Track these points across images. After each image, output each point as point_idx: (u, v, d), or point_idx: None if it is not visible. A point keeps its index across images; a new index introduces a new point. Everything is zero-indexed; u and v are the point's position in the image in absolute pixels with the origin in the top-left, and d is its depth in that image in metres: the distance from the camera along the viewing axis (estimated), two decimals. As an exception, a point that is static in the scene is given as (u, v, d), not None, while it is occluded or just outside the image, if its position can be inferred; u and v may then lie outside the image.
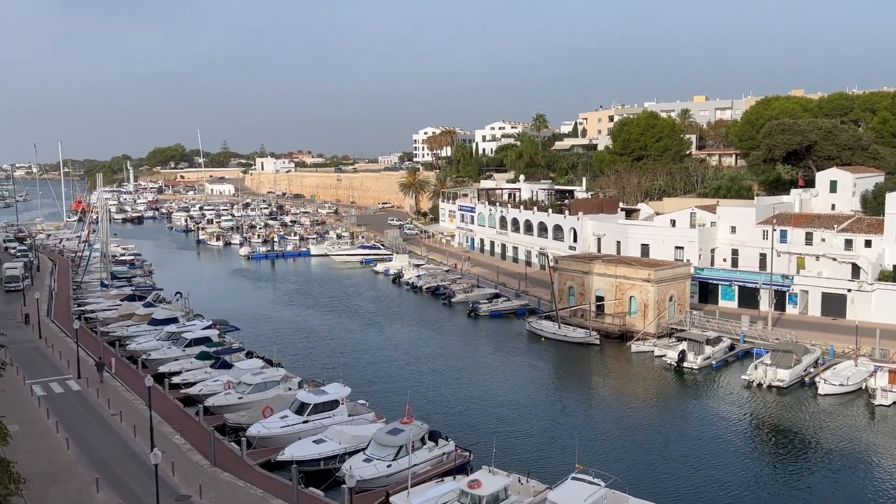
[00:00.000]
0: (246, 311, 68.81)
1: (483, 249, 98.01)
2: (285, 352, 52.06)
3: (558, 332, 56.87)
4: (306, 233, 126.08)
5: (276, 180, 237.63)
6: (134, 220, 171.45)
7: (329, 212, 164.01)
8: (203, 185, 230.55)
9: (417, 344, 57.02)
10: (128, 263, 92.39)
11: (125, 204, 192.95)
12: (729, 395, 44.28)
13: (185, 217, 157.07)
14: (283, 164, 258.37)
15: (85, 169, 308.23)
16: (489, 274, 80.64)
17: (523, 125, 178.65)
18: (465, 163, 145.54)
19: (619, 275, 58.85)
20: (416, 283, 79.39)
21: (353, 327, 63.20)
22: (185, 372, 44.77)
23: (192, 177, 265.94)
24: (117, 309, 63.21)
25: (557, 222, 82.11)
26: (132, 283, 79.54)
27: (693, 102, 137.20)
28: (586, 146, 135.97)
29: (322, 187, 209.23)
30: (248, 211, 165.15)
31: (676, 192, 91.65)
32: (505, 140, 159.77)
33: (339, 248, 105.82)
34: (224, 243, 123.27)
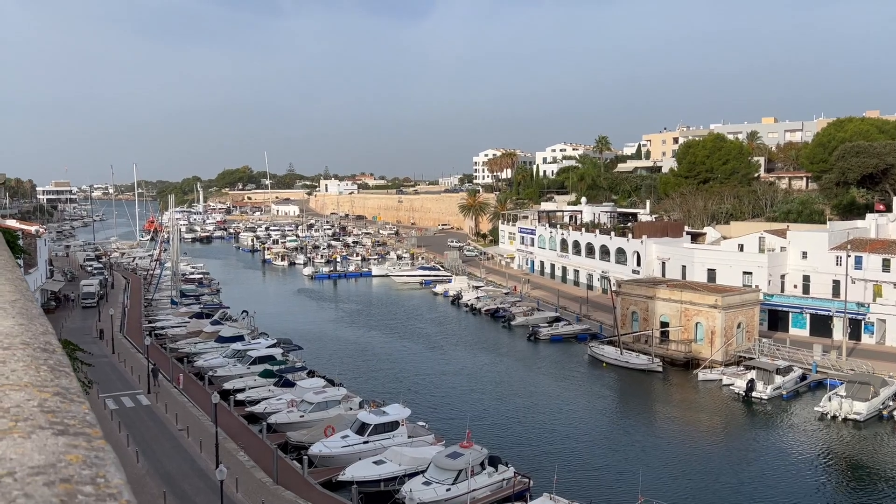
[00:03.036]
0: (309, 330, 69.94)
1: (543, 272, 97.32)
2: (346, 371, 52.65)
3: (620, 358, 55.82)
4: (368, 253, 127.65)
5: (339, 202, 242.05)
6: (203, 240, 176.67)
7: (390, 233, 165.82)
8: (269, 206, 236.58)
9: (477, 366, 56.83)
10: (196, 282, 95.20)
11: (195, 224, 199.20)
12: (801, 427, 42.53)
13: (251, 237, 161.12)
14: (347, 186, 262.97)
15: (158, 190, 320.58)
16: (549, 297, 79.93)
17: (585, 147, 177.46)
18: (526, 185, 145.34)
19: (685, 300, 57.50)
20: (476, 305, 79.29)
21: (413, 348, 63.47)
22: (249, 389, 45.73)
23: (258, 198, 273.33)
24: (186, 326, 65.15)
25: (620, 245, 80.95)
26: (200, 301, 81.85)
27: (761, 124, 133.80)
28: (650, 168, 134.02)
29: (383, 209, 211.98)
30: (312, 231, 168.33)
31: (744, 215, 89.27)
32: (566, 162, 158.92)
33: (400, 269, 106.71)
34: (289, 263, 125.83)
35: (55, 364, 1.64)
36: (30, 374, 1.49)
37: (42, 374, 1.51)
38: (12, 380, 1.44)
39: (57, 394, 1.43)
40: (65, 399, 1.43)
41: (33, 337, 1.87)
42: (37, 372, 1.52)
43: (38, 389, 1.43)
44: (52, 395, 1.43)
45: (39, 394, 1.42)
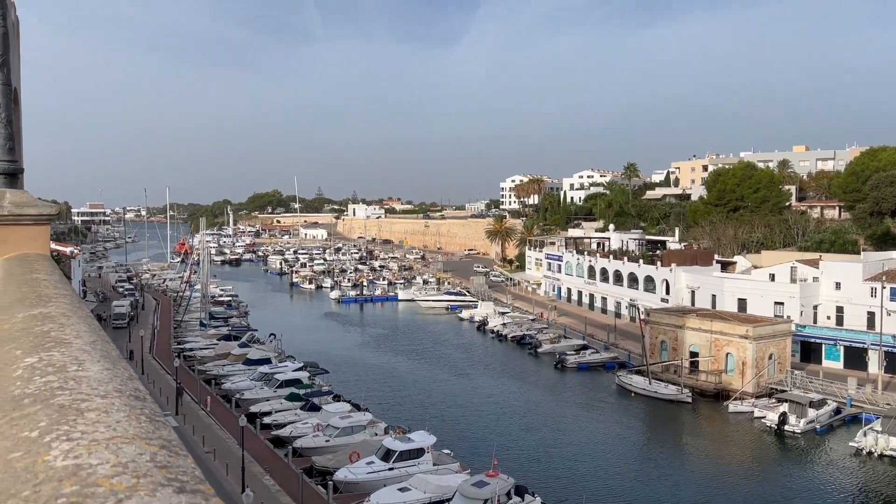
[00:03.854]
0: (335, 353, 70.15)
1: (570, 299, 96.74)
2: (372, 396, 52.62)
3: (649, 388, 55.09)
4: (394, 278, 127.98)
5: (366, 226, 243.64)
6: (232, 262, 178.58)
7: (416, 257, 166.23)
8: (298, 230, 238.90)
9: (503, 394, 56.46)
10: (225, 304, 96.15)
11: (224, 246, 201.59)
12: (836, 462, 41.50)
13: (280, 260, 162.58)
14: (374, 211, 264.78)
15: (188, 212, 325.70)
16: (577, 324, 79.35)
17: (613, 174, 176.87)
18: (553, 211, 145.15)
19: (715, 330, 56.74)
20: (502, 332, 78.94)
21: (439, 374, 63.30)
22: (275, 413, 45.89)
23: (287, 221, 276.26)
24: (214, 348, 65.74)
25: (649, 273, 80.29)
26: (229, 324, 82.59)
27: (792, 152, 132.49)
28: (679, 196, 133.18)
29: (410, 233, 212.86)
30: (340, 255, 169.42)
31: (775, 244, 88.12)
32: (594, 188, 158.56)
33: (426, 294, 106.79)
34: (316, 286, 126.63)
35: (150, 413, 1.73)
36: (133, 426, 1.58)
37: (143, 425, 1.60)
38: (120, 431, 1.53)
39: (163, 447, 1.46)
40: (171, 453, 1.44)
41: (122, 383, 1.97)
42: (138, 423, 1.61)
43: (146, 442, 1.46)
44: (159, 447, 1.45)
45: (148, 447, 1.43)
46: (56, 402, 1.72)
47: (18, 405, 1.74)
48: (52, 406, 1.69)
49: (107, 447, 1.38)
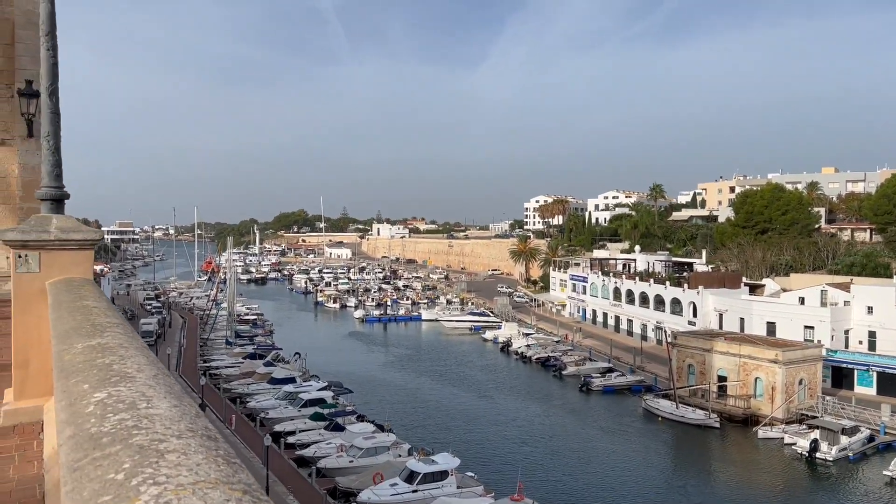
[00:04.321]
0: (359, 373, 70.19)
1: (595, 321, 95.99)
2: (396, 417, 52.48)
3: (676, 413, 54.30)
4: (418, 297, 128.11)
5: (390, 246, 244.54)
6: (258, 281, 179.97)
7: (440, 277, 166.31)
8: (323, 249, 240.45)
9: (527, 417, 56.01)
10: (251, 323, 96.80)
11: (251, 265, 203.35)
12: (869, 492, 40.48)
13: (305, 279, 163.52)
14: (398, 230, 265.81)
15: (216, 231, 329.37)
16: (602, 347, 78.66)
17: (638, 194, 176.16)
18: (578, 232, 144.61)
19: (744, 354, 55.88)
20: (526, 353, 78.45)
21: (463, 396, 63.00)
22: (299, 432, 45.93)
23: (313, 241, 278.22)
24: (239, 367, 66.12)
25: (675, 296, 79.46)
26: (254, 342, 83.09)
27: (821, 174, 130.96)
28: (706, 217, 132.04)
29: (434, 253, 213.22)
30: (364, 275, 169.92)
31: (805, 267, 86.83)
32: (619, 209, 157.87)
33: (450, 314, 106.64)
34: (340, 305, 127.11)
35: (225, 455, 1.76)
36: (214, 469, 1.62)
37: (223, 469, 1.64)
38: (202, 476, 1.56)
39: (246, 492, 1.49)
40: (254, 498, 1.47)
41: (193, 422, 2.02)
42: (217, 466, 1.65)
43: (230, 487, 1.49)
44: (242, 493, 1.47)
45: (232, 492, 1.46)
46: (134, 441, 1.77)
47: (98, 444, 1.79)
48: (132, 447, 1.73)
49: (193, 492, 1.40)
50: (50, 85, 6.99)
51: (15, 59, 21.62)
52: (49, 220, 6.64)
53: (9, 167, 21.43)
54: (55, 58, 7.04)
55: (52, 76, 7.01)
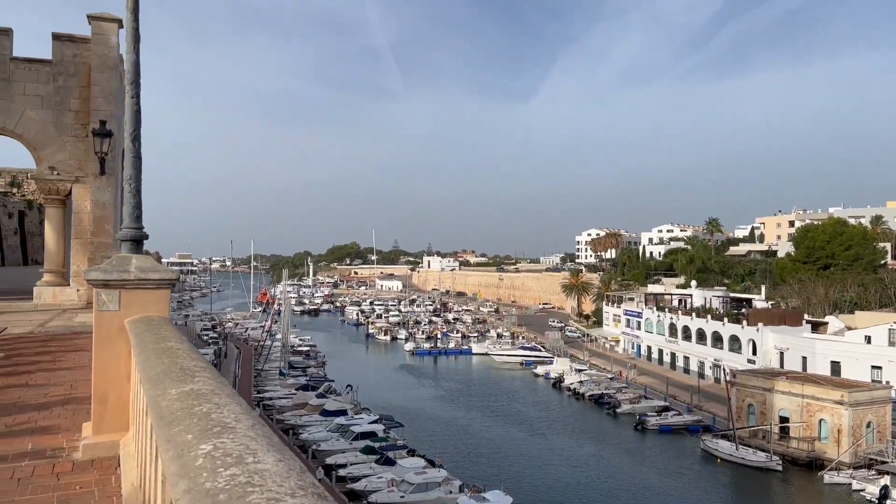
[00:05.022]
0: (409, 406, 70.03)
1: (650, 357, 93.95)
2: (446, 452, 52.05)
3: (736, 454, 52.45)
4: (468, 331, 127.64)
5: (440, 278, 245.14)
6: (311, 313, 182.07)
7: (490, 311, 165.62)
8: (374, 281, 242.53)
9: (581, 456, 54.86)
10: (304, 354, 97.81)
11: (304, 297, 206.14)
12: (948, 545, 38.18)
13: (356, 311, 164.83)
14: (448, 263, 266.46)
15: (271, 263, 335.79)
16: (657, 384, 76.82)
17: (693, 228, 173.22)
18: (631, 266, 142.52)
19: (807, 394, 53.80)
20: (579, 390, 77.13)
21: (514, 433, 62.16)
22: (350, 465, 45.94)
23: (364, 273, 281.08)
24: (292, 398, 66.70)
25: (734, 332, 77.29)
26: (307, 374, 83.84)
27: (886, 208, 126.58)
28: (765, 252, 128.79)
29: (484, 286, 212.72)
30: (414, 307, 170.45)
31: (870, 305, 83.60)
32: (674, 243, 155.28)
33: (500, 348, 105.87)
34: (391, 338, 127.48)
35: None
36: (334, 532, 1.66)
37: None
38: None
39: None
40: None
41: (301, 478, 2.06)
42: (336, 528, 1.68)
43: None
44: None
45: None
46: (251, 500, 1.82)
47: (216, 501, 1.84)
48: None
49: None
50: (133, 131, 7.32)
51: (91, 101, 22.72)
52: (129, 260, 6.91)
53: (82, 203, 22.41)
54: (138, 105, 7.38)
55: (135, 122, 7.34)
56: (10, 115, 22.21)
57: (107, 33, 22.86)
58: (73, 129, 22.61)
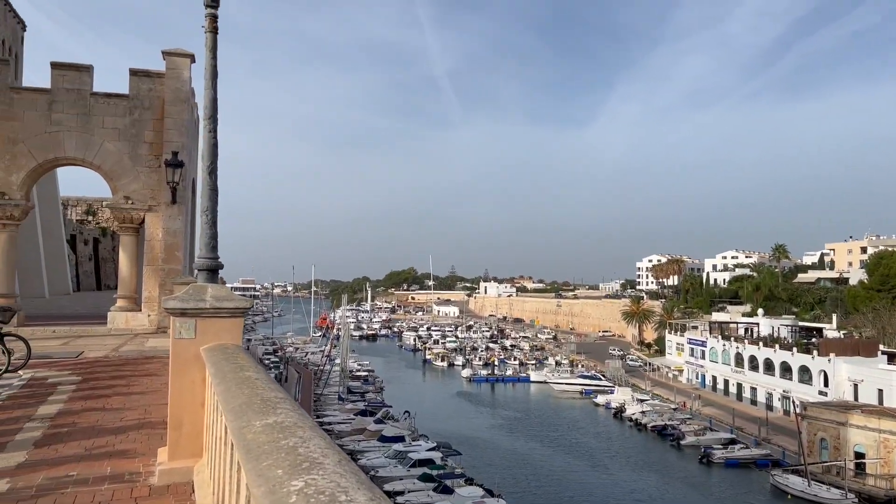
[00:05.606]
0: (467, 434, 69.52)
1: (715, 388, 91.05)
2: (505, 482, 51.33)
3: (808, 491, 50.13)
4: (525, 358, 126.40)
5: (497, 304, 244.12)
6: (369, 338, 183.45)
7: (548, 338, 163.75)
8: (431, 307, 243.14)
9: (644, 489, 53.35)
10: (362, 379, 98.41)
11: (362, 322, 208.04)
12: None
13: (414, 336, 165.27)
14: (505, 289, 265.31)
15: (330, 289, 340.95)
16: (723, 416, 74.33)
17: (759, 255, 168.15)
18: (695, 293, 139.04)
19: (884, 429, 51.20)
20: (641, 420, 75.25)
21: (574, 463, 60.96)
22: (408, 493, 45.76)
23: (421, 298, 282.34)
24: (351, 423, 67.08)
25: (804, 363, 74.32)
26: (365, 399, 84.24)
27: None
28: (835, 280, 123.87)
29: (541, 312, 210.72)
30: (471, 333, 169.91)
31: (952, 335, 79.32)
32: (739, 270, 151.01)
33: (559, 376, 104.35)
34: (448, 364, 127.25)
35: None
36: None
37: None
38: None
39: None
40: None
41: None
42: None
43: None
44: None
45: None
46: (351, 542, 1.82)
47: (315, 542, 1.85)
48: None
49: None
50: (210, 164, 7.56)
51: (164, 133, 23.65)
52: (205, 290, 7.10)
53: (154, 231, 23.23)
54: (216, 139, 7.63)
55: (212, 155, 7.59)
56: (89, 148, 23.30)
57: (180, 68, 23.83)
58: (147, 160, 23.54)
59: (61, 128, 23.18)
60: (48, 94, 23.25)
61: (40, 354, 15.53)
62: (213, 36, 7.68)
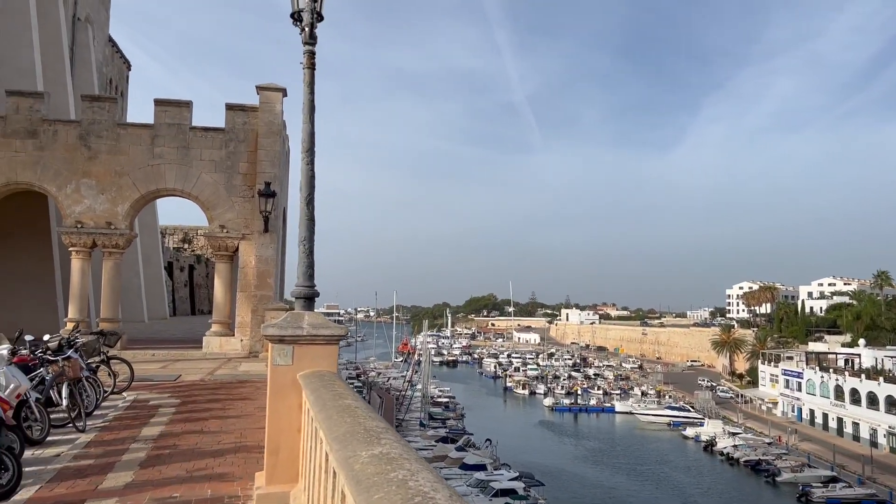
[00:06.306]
0: (549, 464, 68.21)
1: (813, 422, 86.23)
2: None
3: (922, 537, 46.58)
4: (610, 387, 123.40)
5: (579, 332, 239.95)
6: (449, 364, 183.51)
7: (633, 367, 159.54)
8: (511, 333, 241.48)
9: (737, 526, 50.84)
10: (443, 405, 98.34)
11: (443, 348, 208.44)
12: None
13: (494, 363, 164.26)
14: (588, 316, 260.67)
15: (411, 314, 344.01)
16: (822, 452, 70.20)
17: (859, 282, 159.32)
18: (789, 322, 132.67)
19: None
20: (733, 454, 71.93)
21: (664, 499, 58.79)
22: (491, 523, 45.23)
23: (501, 325, 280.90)
24: (432, 450, 66.92)
25: (912, 398, 69.56)
26: (446, 426, 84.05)
27: None
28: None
29: (626, 341, 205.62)
30: (553, 361, 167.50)
31: None
32: (837, 298, 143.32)
33: (645, 407, 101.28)
34: (529, 392, 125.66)
35: None
36: None
37: None
38: None
39: None
40: None
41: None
42: None
43: None
44: None
45: None
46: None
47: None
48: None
49: None
50: (308, 195, 7.79)
51: (257, 164, 24.61)
52: (302, 317, 7.27)
53: (248, 259, 24.09)
54: (313, 171, 7.86)
55: (309, 187, 7.81)
56: (188, 179, 24.50)
57: (272, 102, 24.84)
58: (241, 190, 24.53)
59: (163, 161, 24.49)
60: (151, 129, 24.66)
61: (142, 377, 16.27)
62: (310, 72, 7.94)
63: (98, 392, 12.44)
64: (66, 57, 35.80)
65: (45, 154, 24.05)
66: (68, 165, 24.14)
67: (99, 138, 24.32)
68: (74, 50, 39.61)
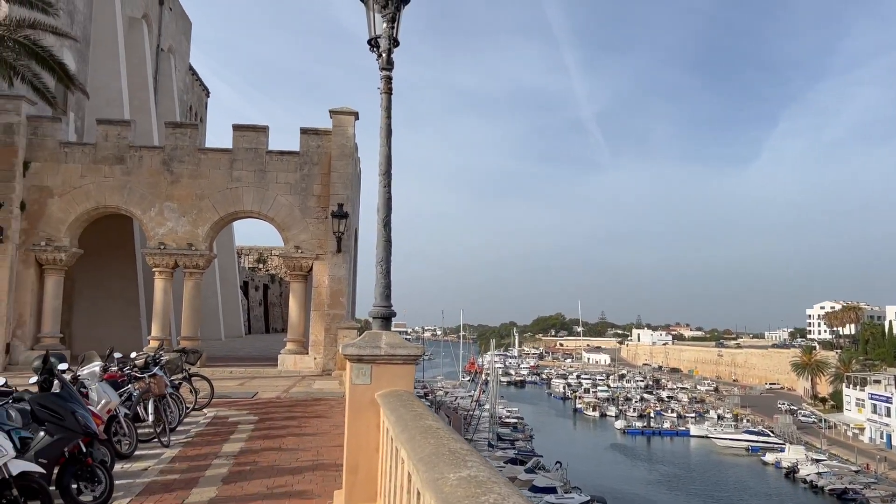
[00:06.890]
0: (622, 489, 66.57)
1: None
2: (665, 543, 48.46)
3: None
4: (684, 410, 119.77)
5: (651, 352, 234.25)
6: (517, 384, 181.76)
7: (709, 389, 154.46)
8: (580, 354, 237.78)
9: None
10: (511, 426, 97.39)
11: (510, 367, 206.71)
12: None
13: (563, 384, 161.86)
14: (660, 336, 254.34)
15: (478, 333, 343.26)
16: (916, 483, 66.22)
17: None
18: (876, 343, 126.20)
19: None
20: (817, 482, 68.58)
21: (741, 526, 56.50)
22: (563, 547, 44.38)
23: (570, 345, 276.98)
24: (501, 471, 66.15)
25: None
26: (515, 447, 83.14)
27: None
28: None
29: (700, 362, 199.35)
30: (624, 382, 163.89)
31: None
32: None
33: (722, 431, 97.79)
34: (600, 414, 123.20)
35: None
36: None
37: None
38: None
39: None
40: None
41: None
42: None
43: None
44: None
45: None
46: None
47: None
48: None
49: None
50: (385, 217, 7.91)
51: (330, 186, 25.17)
52: (379, 337, 7.37)
53: (321, 278, 24.58)
54: (390, 193, 7.99)
55: (386, 209, 7.94)
56: (264, 201, 25.26)
57: (345, 125, 25.42)
58: (315, 211, 25.13)
59: (241, 184, 25.34)
60: (230, 154, 25.58)
61: (221, 394, 16.76)
62: (387, 97, 8.10)
63: (181, 408, 12.89)
64: (150, 86, 37.65)
65: (132, 179, 25.25)
66: (152, 189, 25.26)
67: (181, 163, 25.39)
68: (158, 79, 41.63)
